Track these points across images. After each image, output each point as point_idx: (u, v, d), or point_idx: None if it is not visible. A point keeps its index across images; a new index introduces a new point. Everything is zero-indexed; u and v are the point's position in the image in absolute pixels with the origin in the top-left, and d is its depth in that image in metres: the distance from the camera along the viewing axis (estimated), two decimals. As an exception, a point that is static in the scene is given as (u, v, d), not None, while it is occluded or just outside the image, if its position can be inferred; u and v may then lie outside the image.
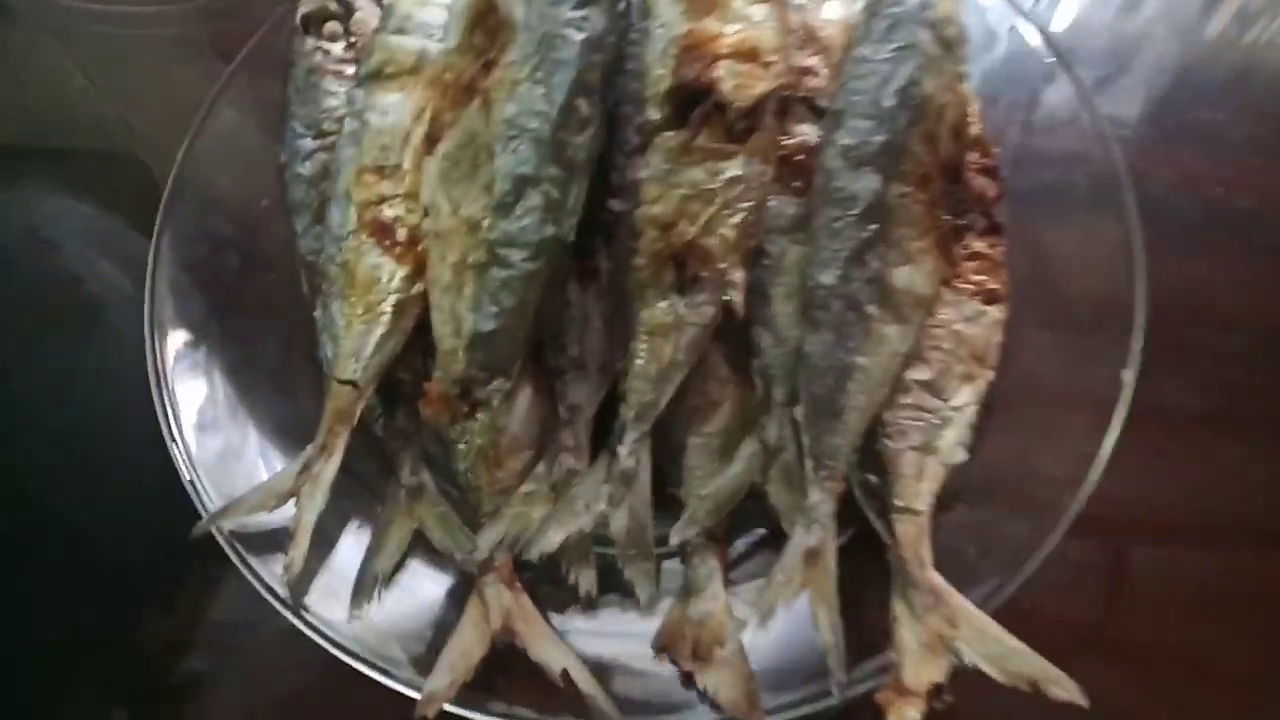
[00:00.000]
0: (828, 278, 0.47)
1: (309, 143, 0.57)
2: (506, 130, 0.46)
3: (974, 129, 0.55)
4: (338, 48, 0.59)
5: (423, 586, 0.51)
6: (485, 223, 0.46)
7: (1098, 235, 0.56)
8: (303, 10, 0.60)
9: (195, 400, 0.55)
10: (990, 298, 0.53)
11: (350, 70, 0.59)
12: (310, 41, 0.59)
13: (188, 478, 0.51)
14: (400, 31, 0.55)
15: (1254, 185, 0.65)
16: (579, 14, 0.47)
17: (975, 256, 0.53)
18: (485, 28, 0.48)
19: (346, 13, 0.60)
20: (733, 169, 0.48)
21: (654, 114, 0.48)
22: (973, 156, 0.55)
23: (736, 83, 0.48)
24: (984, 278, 0.53)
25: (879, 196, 0.48)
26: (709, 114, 0.48)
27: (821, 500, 0.46)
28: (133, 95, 0.80)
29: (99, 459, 0.65)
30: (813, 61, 0.53)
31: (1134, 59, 0.69)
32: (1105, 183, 0.56)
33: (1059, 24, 0.70)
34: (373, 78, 0.55)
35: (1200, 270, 0.63)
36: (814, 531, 0.46)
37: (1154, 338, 0.54)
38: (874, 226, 0.47)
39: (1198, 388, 0.60)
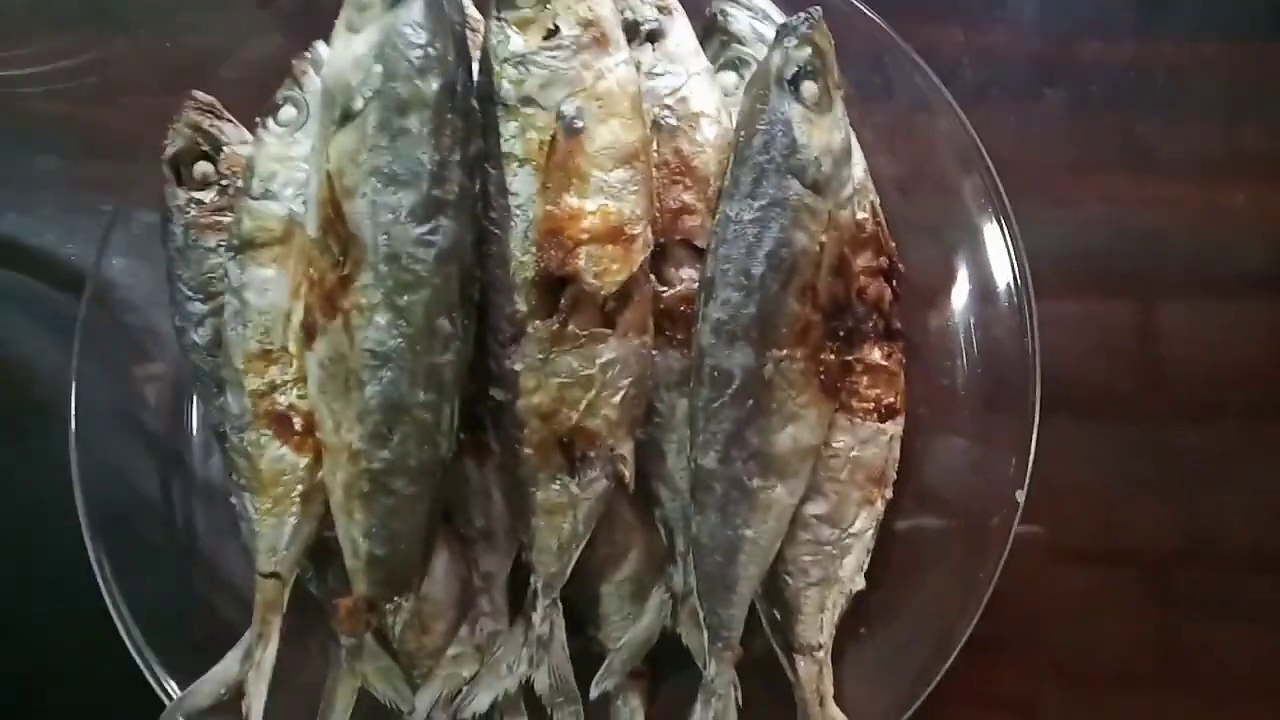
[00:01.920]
0: (708, 461, 0.48)
1: (199, 307, 0.57)
2: (370, 359, 0.46)
3: (870, 226, 0.54)
4: (211, 195, 0.57)
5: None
6: (364, 452, 0.47)
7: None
8: (170, 151, 0.57)
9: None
10: (887, 412, 0.53)
11: (228, 219, 0.57)
12: (181, 194, 0.57)
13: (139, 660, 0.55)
14: (266, 195, 0.54)
15: (1190, 209, 0.62)
16: (426, 229, 0.45)
17: (870, 370, 0.53)
18: (335, 234, 0.47)
19: (215, 149, 0.58)
20: (609, 351, 0.48)
21: (521, 304, 0.47)
22: (866, 257, 0.53)
23: (599, 269, 0.47)
24: (880, 391, 0.53)
25: (754, 372, 0.47)
26: (578, 298, 0.47)
27: (719, 672, 0.49)
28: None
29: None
30: (688, 198, 0.51)
31: (1060, 68, 0.64)
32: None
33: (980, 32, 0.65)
34: (245, 248, 0.54)
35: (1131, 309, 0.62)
36: (712, 706, 0.49)
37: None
38: (751, 403, 0.47)
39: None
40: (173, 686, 0.54)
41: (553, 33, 0.47)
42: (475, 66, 0.49)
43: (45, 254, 0.71)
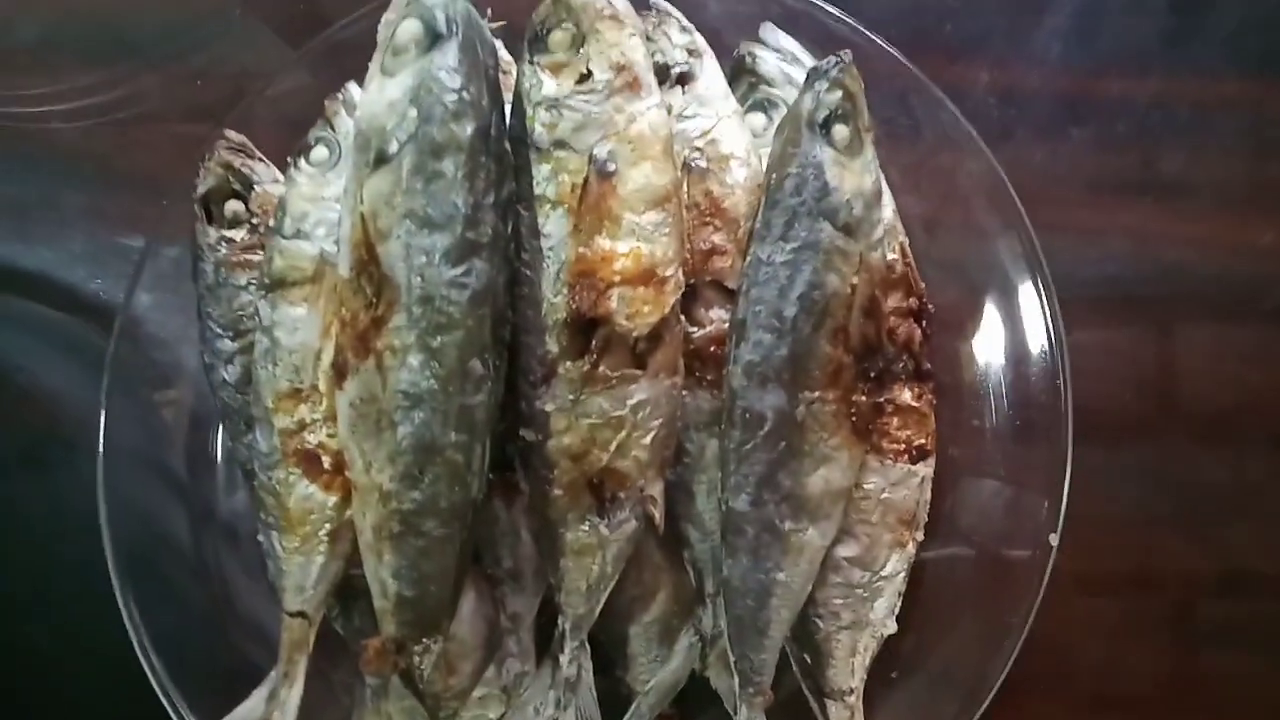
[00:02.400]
0: (740, 504, 0.48)
1: (228, 344, 0.57)
2: (402, 400, 0.46)
3: (900, 267, 0.54)
4: (241, 234, 0.58)
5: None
6: (394, 493, 0.47)
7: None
8: (201, 189, 0.58)
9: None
10: (917, 454, 0.53)
11: (259, 257, 0.57)
12: (212, 232, 0.57)
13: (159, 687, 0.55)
14: (297, 235, 0.54)
15: (1218, 246, 0.62)
16: (460, 270, 0.45)
17: (900, 411, 0.52)
18: (369, 275, 0.47)
19: (246, 187, 0.58)
20: (639, 393, 0.48)
21: (553, 346, 0.47)
22: (896, 298, 0.53)
23: (631, 311, 0.47)
24: (911, 433, 0.53)
25: (786, 414, 0.47)
26: (609, 339, 0.47)
27: (750, 718, 0.49)
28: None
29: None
30: (718, 239, 0.51)
31: (1085, 107, 0.64)
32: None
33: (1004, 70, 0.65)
34: (276, 287, 0.54)
35: (1158, 346, 0.62)
36: (745, 752, 0.48)
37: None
38: (783, 445, 0.47)
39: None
40: (198, 726, 0.54)
41: (585, 77, 0.48)
42: (507, 108, 0.49)
43: (75, 289, 0.71)
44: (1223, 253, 0.62)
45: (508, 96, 0.50)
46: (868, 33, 0.57)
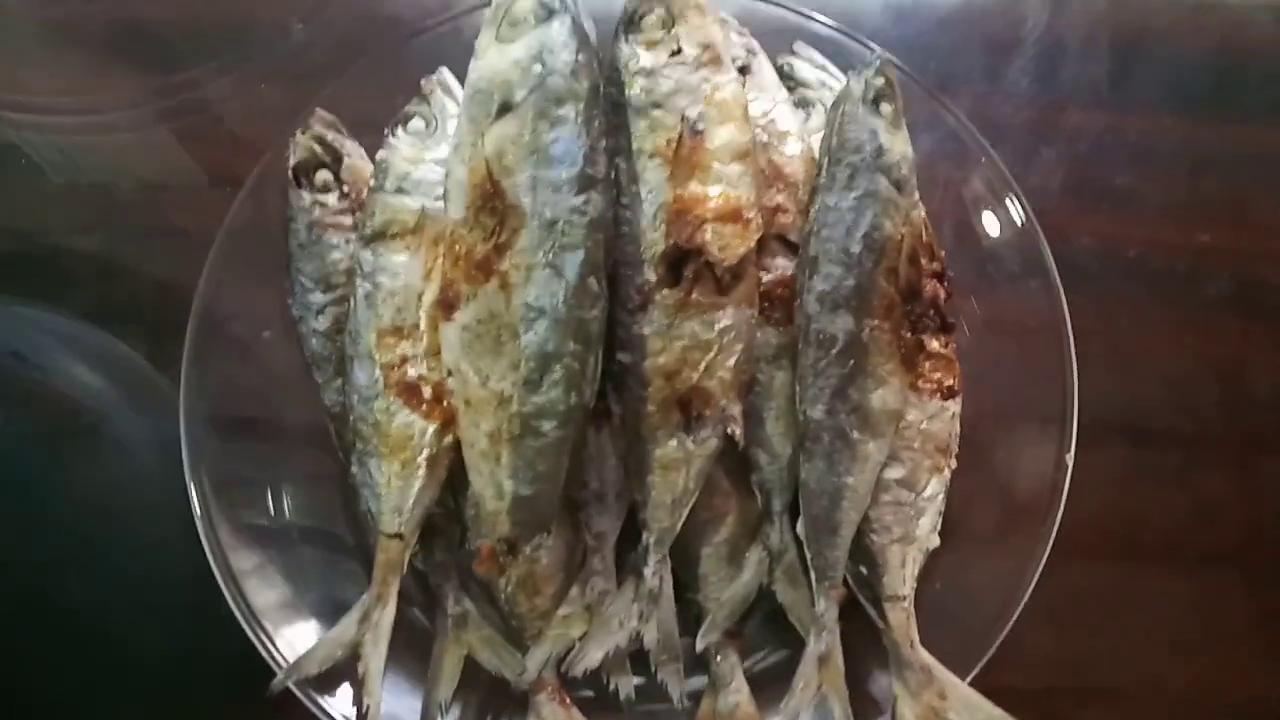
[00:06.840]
0: (816, 413, 0.54)
1: (319, 297, 0.61)
2: (527, 312, 0.51)
3: (925, 236, 0.62)
4: (333, 199, 0.63)
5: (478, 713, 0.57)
6: (515, 397, 0.51)
7: (1031, 311, 0.64)
8: (293, 160, 0.63)
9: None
10: (948, 393, 0.60)
11: (348, 221, 0.62)
12: (306, 195, 0.62)
13: (252, 633, 0.56)
14: (399, 191, 0.59)
15: (1165, 245, 0.74)
16: (581, 199, 0.52)
17: (931, 356, 0.60)
18: (491, 209, 0.53)
19: (335, 160, 0.63)
20: (725, 319, 0.54)
21: (651, 275, 0.54)
22: (922, 262, 0.62)
23: (723, 244, 0.54)
24: (940, 374, 0.60)
25: (854, 335, 0.54)
26: (700, 271, 0.54)
27: (827, 608, 0.54)
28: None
29: (134, 571, 0.67)
30: (781, 199, 0.59)
31: (1051, 131, 0.76)
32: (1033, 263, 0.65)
33: (983, 101, 0.77)
34: (377, 238, 0.59)
35: (1121, 325, 0.72)
36: (823, 639, 0.53)
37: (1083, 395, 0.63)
38: (852, 362, 0.54)
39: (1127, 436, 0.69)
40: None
41: (676, 53, 0.56)
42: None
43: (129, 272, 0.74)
44: (1168, 250, 0.73)
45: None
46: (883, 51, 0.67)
